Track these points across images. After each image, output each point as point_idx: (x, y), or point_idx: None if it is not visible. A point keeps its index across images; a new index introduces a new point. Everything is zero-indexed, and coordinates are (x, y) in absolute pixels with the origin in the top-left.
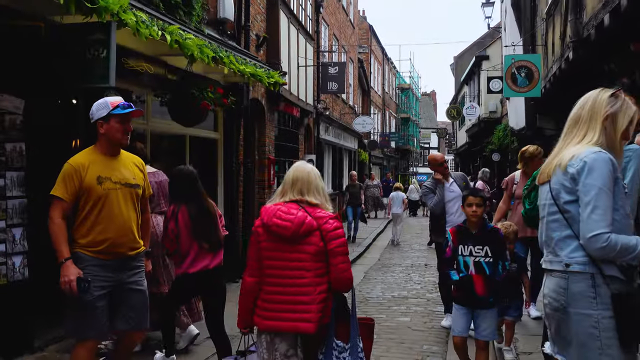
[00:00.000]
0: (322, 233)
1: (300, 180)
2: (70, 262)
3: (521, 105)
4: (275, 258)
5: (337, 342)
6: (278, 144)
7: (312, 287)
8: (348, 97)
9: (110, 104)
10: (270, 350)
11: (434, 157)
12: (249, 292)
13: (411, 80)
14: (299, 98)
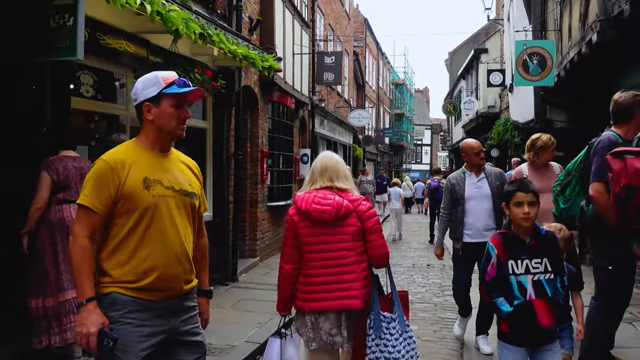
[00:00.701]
0: (358, 214)
1: (330, 168)
2: (94, 306)
3: (528, 96)
4: (316, 242)
5: (384, 314)
6: (272, 137)
7: (356, 265)
8: (343, 90)
9: (162, 80)
10: (315, 329)
11: (470, 144)
12: (288, 278)
13: (405, 75)
14: (294, 88)
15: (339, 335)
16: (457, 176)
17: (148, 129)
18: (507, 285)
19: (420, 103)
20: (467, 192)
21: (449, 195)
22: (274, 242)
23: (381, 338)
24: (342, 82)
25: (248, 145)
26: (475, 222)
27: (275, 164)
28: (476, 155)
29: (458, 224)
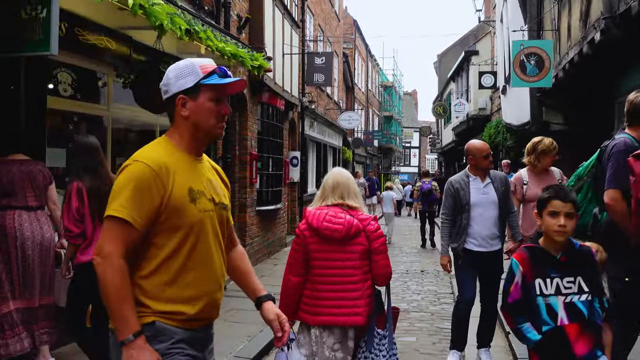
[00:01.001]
0: (367, 234)
1: (341, 185)
2: (144, 341)
3: (523, 98)
4: (324, 259)
5: (378, 330)
6: (261, 139)
7: (361, 283)
8: (333, 92)
9: (200, 69)
10: (318, 343)
11: (477, 145)
12: (293, 291)
13: (394, 78)
14: (284, 89)
15: (341, 350)
16: (460, 180)
17: (182, 127)
18: (534, 309)
19: (408, 105)
20: (472, 198)
21: (452, 201)
22: (263, 247)
23: (370, 352)
24: (332, 84)
25: (237, 148)
26: (481, 230)
27: (264, 167)
28: (484, 159)
29: (462, 232)
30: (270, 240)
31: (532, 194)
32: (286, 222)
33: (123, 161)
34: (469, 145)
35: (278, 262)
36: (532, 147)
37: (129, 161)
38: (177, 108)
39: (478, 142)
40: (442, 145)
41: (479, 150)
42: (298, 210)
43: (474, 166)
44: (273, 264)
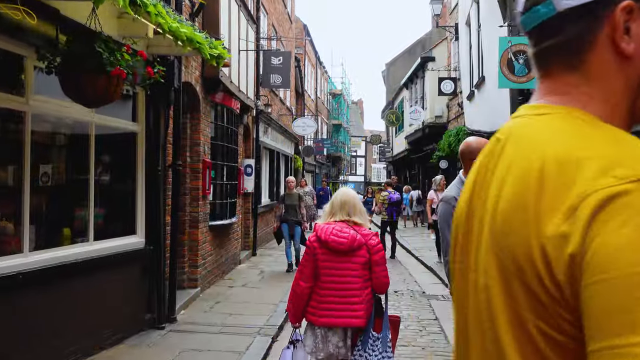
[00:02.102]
0: (368, 247)
1: (348, 203)
2: None
3: (501, 102)
4: (330, 267)
5: (373, 332)
6: (215, 145)
7: (361, 290)
8: (285, 97)
9: None
10: (324, 341)
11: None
12: (302, 295)
13: (343, 86)
14: (239, 89)
15: (344, 347)
16: (459, 193)
17: (614, 83)
18: None
19: (354, 115)
20: None
21: None
22: (215, 267)
23: (365, 351)
24: (290, 86)
25: (188, 154)
26: None
27: (218, 176)
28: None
29: None
30: (223, 258)
31: None
32: (240, 237)
33: (49, 170)
34: (472, 144)
35: (234, 284)
36: None
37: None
38: (615, 36)
39: (481, 139)
40: (393, 154)
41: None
42: (252, 223)
43: None
44: (228, 285)
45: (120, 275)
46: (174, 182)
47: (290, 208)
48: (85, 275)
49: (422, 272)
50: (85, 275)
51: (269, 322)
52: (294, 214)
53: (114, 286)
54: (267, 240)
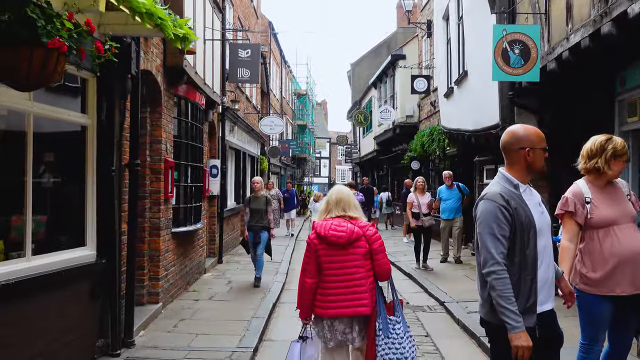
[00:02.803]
0: (367, 237)
1: (343, 199)
2: None
3: (488, 98)
4: (332, 261)
5: (390, 317)
6: (178, 143)
7: (365, 279)
8: (252, 95)
9: None
10: (331, 330)
11: (536, 131)
12: (310, 291)
13: (307, 86)
14: (205, 82)
15: (351, 333)
16: (510, 192)
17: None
18: None
19: (318, 116)
20: (537, 221)
21: (508, 230)
22: (180, 278)
23: (389, 337)
24: (258, 81)
25: (148, 153)
26: (547, 275)
27: (182, 177)
28: (543, 152)
29: (529, 281)
30: (188, 268)
31: (601, 216)
32: (205, 244)
33: None
34: (518, 132)
35: (200, 296)
36: (599, 147)
37: None
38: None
39: (527, 126)
40: (360, 156)
41: (540, 138)
42: (218, 228)
43: (527, 166)
44: (193, 298)
45: (65, 296)
46: (132, 185)
47: (256, 213)
48: (21, 298)
49: (401, 279)
50: (21, 299)
51: (242, 343)
52: (260, 219)
53: (57, 310)
54: (233, 246)
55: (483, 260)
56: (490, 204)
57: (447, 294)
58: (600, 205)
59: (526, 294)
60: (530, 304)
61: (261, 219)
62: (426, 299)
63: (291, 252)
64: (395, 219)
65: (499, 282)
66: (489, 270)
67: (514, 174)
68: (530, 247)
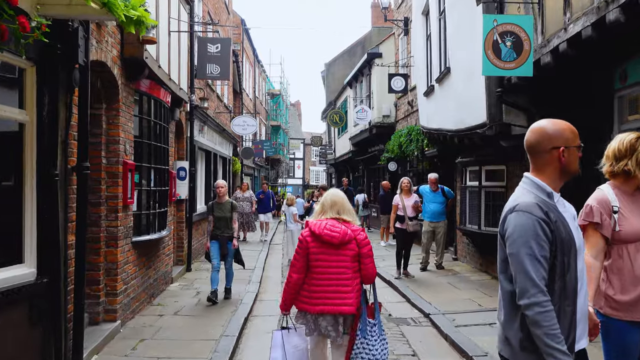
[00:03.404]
0: (357, 241)
1: (338, 203)
2: None
3: (474, 96)
4: (322, 260)
5: (369, 320)
6: (140, 143)
7: (351, 280)
8: (223, 93)
9: None
10: (315, 324)
11: (570, 127)
12: (295, 286)
13: (281, 86)
14: (170, 78)
15: (333, 331)
16: (547, 202)
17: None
18: None
19: (292, 117)
20: (576, 238)
21: (546, 247)
22: (142, 291)
23: (365, 338)
24: (229, 77)
25: (103, 154)
26: (585, 304)
27: (143, 181)
28: (578, 151)
29: (570, 313)
30: (152, 279)
31: (632, 229)
32: (172, 251)
33: None
34: (552, 126)
35: (165, 311)
36: (628, 147)
37: None
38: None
39: (556, 120)
40: (335, 157)
41: (574, 134)
42: (186, 234)
43: (562, 170)
44: (157, 313)
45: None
46: (80, 190)
47: (221, 220)
48: None
49: (381, 286)
50: None
51: None
52: (225, 227)
53: None
54: (202, 253)
55: (521, 289)
56: (526, 217)
57: (432, 304)
58: (630, 215)
59: (566, 329)
60: (570, 342)
61: (227, 227)
62: (409, 310)
63: (265, 258)
64: (371, 221)
65: (545, 317)
66: (532, 302)
67: (545, 179)
68: (572, 270)
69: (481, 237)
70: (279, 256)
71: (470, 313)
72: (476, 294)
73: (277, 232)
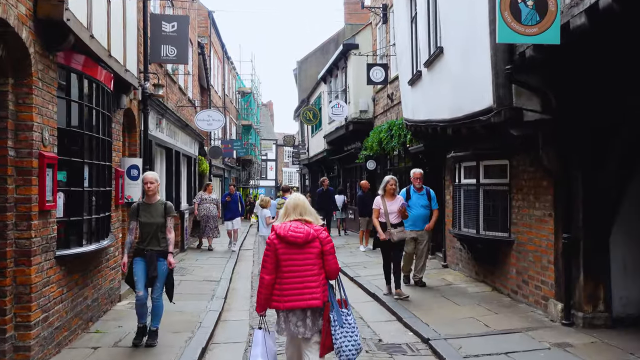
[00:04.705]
0: (320, 239)
1: (300, 205)
2: None
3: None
4: (289, 259)
5: (342, 310)
6: (68, 132)
7: (317, 276)
8: (187, 86)
9: None
10: (286, 321)
11: None
12: (268, 286)
13: (252, 84)
14: (111, 55)
15: (302, 326)
16: None
17: None
18: None
19: (264, 117)
20: None
21: None
22: (72, 317)
23: (343, 327)
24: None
25: (9, 144)
26: None
27: (74, 180)
28: None
29: None
30: (89, 300)
31: None
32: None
33: None
34: None
35: (102, 341)
36: None
37: None
38: None
39: None
40: (309, 156)
41: None
42: None
43: None
44: (92, 345)
45: None
46: None
47: (149, 229)
48: None
49: (363, 301)
50: None
51: None
52: (155, 239)
53: None
54: None
55: None
56: None
57: (430, 325)
58: None
59: None
60: None
61: (156, 239)
62: (402, 332)
63: (232, 267)
64: (348, 224)
65: None
66: None
67: None
68: None
69: (480, 242)
70: (249, 264)
71: (478, 337)
72: (479, 310)
73: (249, 235)
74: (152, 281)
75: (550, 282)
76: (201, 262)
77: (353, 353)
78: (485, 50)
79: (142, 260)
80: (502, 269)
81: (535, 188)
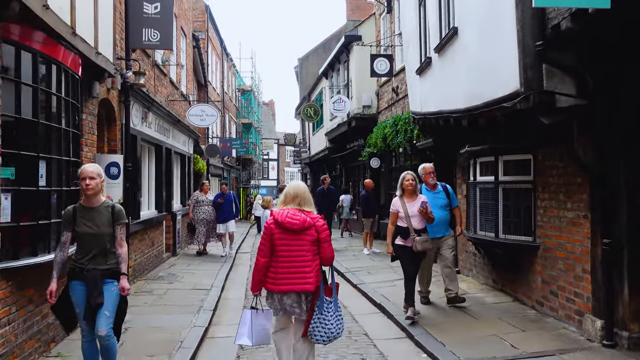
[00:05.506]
0: (316, 228)
1: (299, 195)
2: None
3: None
4: (285, 244)
5: (326, 298)
6: (18, 121)
7: (311, 262)
8: (180, 80)
9: None
10: (281, 303)
11: None
12: (262, 269)
13: (253, 82)
14: (76, 33)
15: (297, 308)
16: None
17: None
18: None
19: (266, 116)
20: None
21: None
22: (29, 340)
23: (322, 314)
24: (171, 46)
25: None
26: None
27: (29, 177)
28: None
29: None
30: (49, 318)
31: None
32: None
33: None
34: None
35: None
36: None
37: None
38: None
39: None
40: (310, 155)
41: None
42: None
43: None
44: None
45: None
46: None
47: (90, 241)
48: None
49: (368, 312)
50: None
51: None
52: (99, 256)
53: None
54: (149, 268)
55: None
56: None
57: (446, 345)
58: None
59: None
60: None
61: (102, 255)
62: (414, 354)
63: (226, 273)
64: (352, 225)
65: None
66: None
67: None
68: None
69: (499, 247)
70: (246, 268)
71: None
72: (502, 326)
73: (248, 236)
74: (95, 311)
75: (587, 295)
76: (193, 267)
77: (324, 340)
78: (510, 26)
79: (82, 283)
80: (525, 277)
81: (567, 186)
